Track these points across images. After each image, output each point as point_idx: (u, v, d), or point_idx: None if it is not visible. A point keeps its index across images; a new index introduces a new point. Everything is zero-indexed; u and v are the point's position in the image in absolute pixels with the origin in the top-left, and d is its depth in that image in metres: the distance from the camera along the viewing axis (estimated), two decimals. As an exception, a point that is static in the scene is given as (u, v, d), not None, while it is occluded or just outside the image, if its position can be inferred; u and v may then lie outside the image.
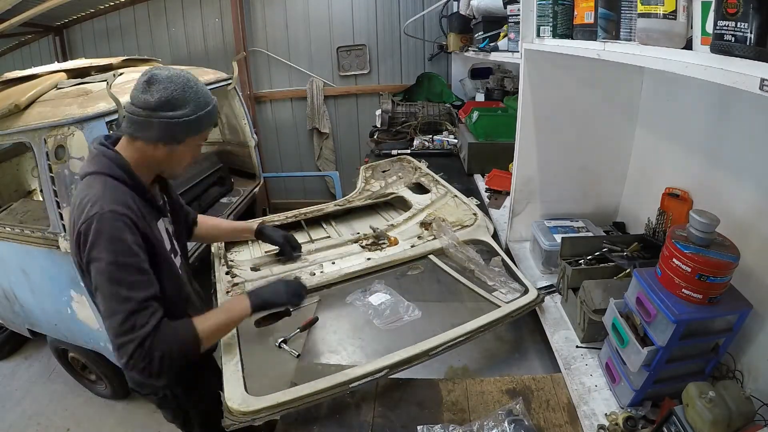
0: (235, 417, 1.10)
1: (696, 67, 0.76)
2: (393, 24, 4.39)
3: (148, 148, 1.14)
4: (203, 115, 1.15)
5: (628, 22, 0.99)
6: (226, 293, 1.58)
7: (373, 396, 1.23)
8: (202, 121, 1.16)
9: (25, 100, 1.96)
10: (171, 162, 1.20)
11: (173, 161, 1.20)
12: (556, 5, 1.36)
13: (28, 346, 3.11)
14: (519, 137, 1.75)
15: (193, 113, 1.13)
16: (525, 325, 1.58)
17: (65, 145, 1.82)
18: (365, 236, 1.92)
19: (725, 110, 1.23)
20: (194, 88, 1.13)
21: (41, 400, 2.67)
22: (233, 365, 1.25)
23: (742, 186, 1.18)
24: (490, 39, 2.49)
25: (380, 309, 1.47)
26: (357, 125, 4.79)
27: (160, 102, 1.08)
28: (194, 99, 1.13)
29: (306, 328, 1.43)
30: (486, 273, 1.61)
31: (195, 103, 1.13)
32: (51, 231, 1.95)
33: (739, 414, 0.87)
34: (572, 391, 1.19)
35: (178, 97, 1.10)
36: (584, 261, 1.48)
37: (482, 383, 1.26)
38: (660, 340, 0.98)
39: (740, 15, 0.64)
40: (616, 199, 1.86)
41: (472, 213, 2.05)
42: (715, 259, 0.93)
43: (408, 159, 2.80)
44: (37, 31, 4.57)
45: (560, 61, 1.51)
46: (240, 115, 3.35)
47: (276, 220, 2.11)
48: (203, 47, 4.61)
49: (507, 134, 2.29)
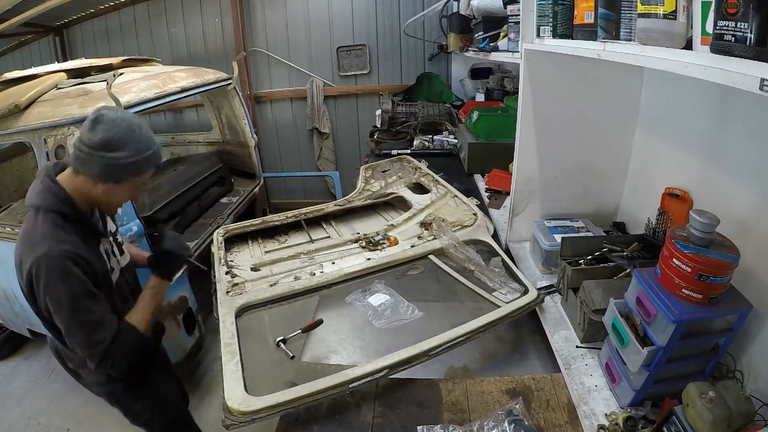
0: (235, 417, 1.10)
1: (696, 67, 0.76)
2: (393, 24, 4.39)
3: (88, 183, 1.19)
4: (142, 159, 1.19)
5: (628, 22, 0.99)
6: (226, 293, 1.58)
7: (373, 396, 1.23)
8: (140, 164, 1.20)
9: (25, 100, 1.96)
10: (108, 199, 1.24)
11: (111, 198, 1.25)
12: (556, 5, 1.36)
13: (28, 346, 3.10)
14: (519, 137, 1.75)
15: (132, 156, 1.17)
16: (525, 325, 1.58)
17: (65, 145, 1.82)
18: (365, 237, 1.92)
19: (725, 110, 1.23)
20: (136, 132, 1.18)
21: (41, 400, 2.67)
22: (233, 365, 1.25)
23: (742, 186, 1.18)
24: (490, 39, 2.49)
25: (380, 310, 1.47)
26: (357, 125, 4.79)
27: (102, 142, 1.13)
28: (135, 143, 1.18)
29: (308, 330, 1.43)
30: (486, 273, 1.61)
31: (135, 147, 1.18)
32: (51, 231, 1.95)
33: (739, 414, 0.87)
34: (572, 391, 1.19)
35: (118, 140, 1.15)
36: (584, 261, 1.48)
37: (482, 383, 1.26)
38: (660, 340, 0.98)
39: (740, 15, 0.64)
40: (616, 199, 1.86)
41: (472, 213, 2.05)
42: (715, 259, 0.93)
43: (408, 159, 2.80)
44: (37, 31, 4.57)
45: (560, 61, 1.51)
46: (240, 115, 3.35)
47: (276, 220, 2.11)
48: (203, 47, 4.60)
49: (507, 134, 2.28)
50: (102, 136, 1.13)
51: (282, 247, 1.99)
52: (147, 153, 1.20)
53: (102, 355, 1.19)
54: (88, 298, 1.17)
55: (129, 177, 1.21)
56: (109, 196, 1.23)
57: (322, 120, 4.66)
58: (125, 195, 1.27)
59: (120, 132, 1.15)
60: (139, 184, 1.27)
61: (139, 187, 1.29)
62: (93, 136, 1.14)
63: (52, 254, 1.11)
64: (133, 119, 1.20)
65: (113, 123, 1.15)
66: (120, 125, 1.15)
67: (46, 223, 1.16)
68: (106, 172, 1.16)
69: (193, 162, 3.26)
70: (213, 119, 3.67)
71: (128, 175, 1.20)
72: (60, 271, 1.12)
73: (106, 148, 1.14)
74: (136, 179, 1.24)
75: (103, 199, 1.23)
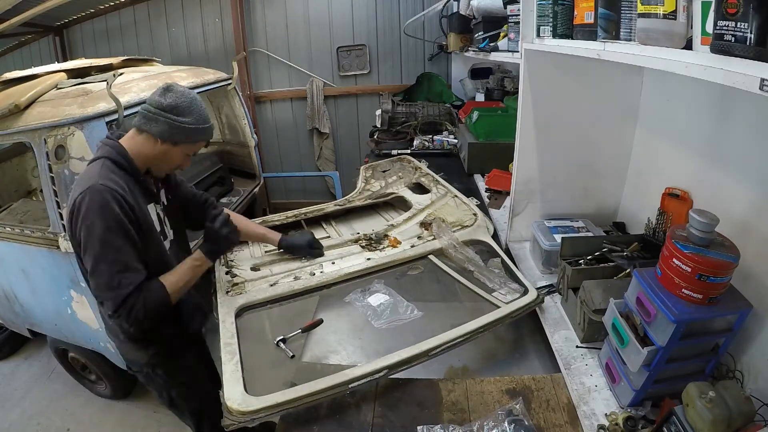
0: (235, 417, 1.10)
1: (696, 67, 0.76)
2: (393, 24, 4.39)
3: (149, 141, 1.35)
4: (200, 128, 1.37)
5: (628, 22, 0.99)
6: (226, 293, 1.58)
7: (373, 396, 1.23)
8: (197, 132, 1.37)
9: (25, 100, 1.96)
10: (162, 160, 1.40)
11: (164, 160, 1.40)
12: (556, 5, 1.36)
13: (28, 346, 3.11)
14: (519, 137, 1.75)
15: (193, 123, 1.35)
16: (525, 325, 1.58)
17: (65, 145, 1.82)
18: (365, 237, 1.92)
19: (725, 110, 1.23)
20: (199, 107, 1.38)
21: (41, 400, 2.67)
22: (233, 365, 1.25)
23: (742, 186, 1.18)
24: (490, 39, 2.49)
25: (379, 310, 1.47)
26: (357, 125, 4.79)
27: (171, 105, 1.32)
28: (197, 113, 1.36)
29: (308, 330, 1.43)
30: (485, 274, 1.61)
31: (197, 117, 1.36)
32: (51, 231, 1.95)
33: (739, 414, 0.87)
34: (572, 391, 1.19)
35: (185, 107, 1.33)
36: (584, 261, 1.48)
37: (482, 383, 1.26)
38: (660, 340, 0.98)
39: (740, 15, 0.64)
40: (616, 199, 1.86)
41: (472, 213, 2.05)
42: (715, 259, 0.93)
43: (408, 159, 2.80)
44: (37, 31, 4.57)
45: (560, 61, 1.51)
46: (240, 115, 3.35)
47: (276, 220, 2.11)
48: (203, 47, 4.61)
49: (507, 134, 2.28)
50: (171, 100, 1.31)
51: (282, 247, 1.99)
52: (204, 125, 1.39)
53: (123, 300, 1.22)
54: (121, 236, 1.24)
55: (185, 141, 1.37)
56: (164, 156, 1.38)
57: (322, 120, 4.66)
58: (177, 159, 1.42)
59: (186, 101, 1.33)
60: (189, 151, 1.43)
61: (188, 155, 1.45)
62: (163, 100, 1.32)
63: (96, 187, 1.23)
64: (197, 96, 1.39)
65: (182, 93, 1.34)
66: (187, 96, 1.35)
67: (99, 166, 1.30)
68: (169, 131, 1.33)
69: (193, 162, 3.24)
70: (213, 119, 3.67)
71: (185, 139, 1.36)
72: (99, 202, 1.21)
73: (174, 112, 1.32)
74: (189, 146, 1.41)
75: (158, 158, 1.39)
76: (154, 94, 1.33)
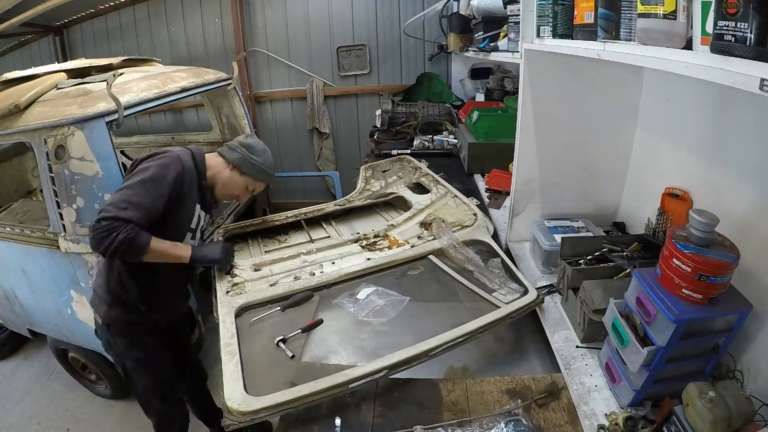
0: (235, 417, 1.10)
1: (696, 67, 0.76)
2: (393, 24, 4.38)
3: (222, 164, 1.68)
4: (265, 169, 1.71)
5: (628, 22, 0.99)
6: (226, 293, 1.58)
7: (373, 396, 1.23)
8: (262, 172, 1.71)
9: (25, 100, 1.96)
10: (227, 183, 1.68)
11: (228, 183, 1.68)
12: (556, 5, 1.36)
13: (28, 346, 3.11)
14: (519, 137, 1.75)
15: (262, 164, 1.70)
16: (525, 325, 1.58)
17: (65, 145, 1.82)
18: (365, 237, 1.92)
19: (725, 110, 1.23)
20: (270, 156, 1.74)
21: (41, 400, 2.67)
22: (233, 365, 1.25)
23: (742, 186, 1.18)
24: (490, 39, 2.49)
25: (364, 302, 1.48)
26: (357, 125, 4.79)
27: (249, 145, 1.70)
28: (267, 159, 1.72)
29: (308, 330, 1.43)
30: (485, 274, 1.61)
31: (265, 161, 1.71)
32: (51, 231, 1.95)
33: (739, 414, 0.87)
34: (572, 391, 1.19)
35: (259, 150, 1.70)
36: (584, 261, 1.48)
37: (482, 383, 1.26)
38: (660, 340, 0.98)
39: (740, 15, 0.64)
40: (616, 199, 1.86)
41: (472, 213, 2.05)
42: (715, 259, 0.93)
43: (408, 159, 2.80)
44: (37, 31, 4.56)
45: (560, 61, 1.51)
46: (240, 115, 3.35)
47: (276, 220, 2.11)
48: (203, 47, 4.60)
49: (507, 134, 2.28)
50: (251, 142, 1.71)
51: (282, 247, 1.99)
52: (270, 170, 1.73)
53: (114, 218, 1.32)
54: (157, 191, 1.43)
55: (250, 174, 1.68)
56: (229, 181, 1.68)
57: (322, 120, 4.66)
58: (238, 188, 1.71)
59: (261, 147, 1.72)
60: (251, 185, 1.73)
61: (249, 188, 1.73)
62: (245, 140, 1.70)
63: (173, 155, 1.52)
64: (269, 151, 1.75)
65: (260, 142, 1.74)
66: (263, 145, 1.74)
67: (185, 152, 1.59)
68: (240, 161, 1.67)
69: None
70: (213, 119, 3.67)
71: (251, 173, 1.68)
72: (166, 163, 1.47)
73: (249, 150, 1.68)
74: (252, 182, 1.71)
75: (224, 180, 1.67)
76: (241, 137, 1.72)
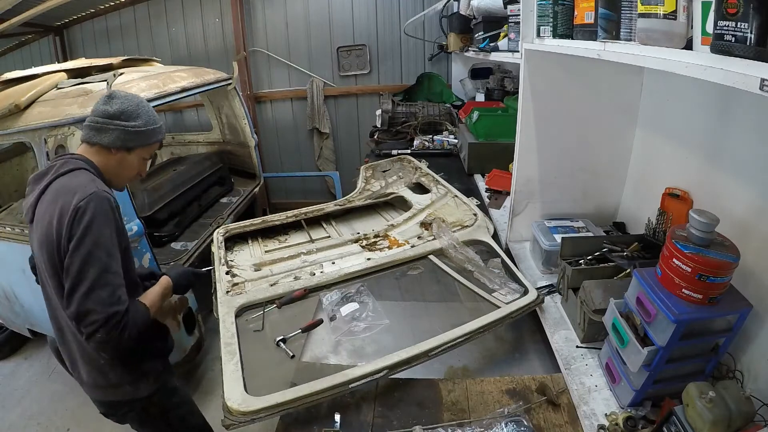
0: (235, 417, 1.10)
1: (696, 67, 0.76)
2: (393, 24, 4.39)
3: (101, 154, 1.30)
4: (151, 129, 1.34)
5: (628, 22, 0.99)
6: (226, 293, 1.58)
7: (373, 396, 1.23)
8: (150, 134, 1.34)
9: (25, 100, 1.96)
10: (120, 168, 1.34)
11: (121, 169, 1.35)
12: (556, 5, 1.36)
13: (28, 346, 3.11)
14: (519, 137, 1.75)
15: (144, 126, 1.32)
16: (525, 325, 1.58)
17: (65, 145, 1.82)
18: (365, 237, 1.92)
19: (725, 110, 1.23)
20: (146, 108, 1.35)
21: (41, 400, 2.67)
22: (233, 365, 1.25)
23: (742, 186, 1.18)
24: (491, 39, 2.49)
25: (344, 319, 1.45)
26: (357, 125, 4.79)
27: (118, 112, 1.28)
28: (145, 115, 1.33)
29: (308, 330, 1.43)
30: (485, 274, 1.61)
31: (146, 118, 1.33)
32: (51, 231, 1.95)
33: (739, 414, 0.87)
34: (572, 391, 1.19)
35: (132, 111, 1.30)
36: (584, 261, 1.48)
37: (482, 383, 1.26)
38: (660, 340, 0.98)
39: (740, 15, 0.64)
40: (616, 199, 1.86)
41: (472, 213, 2.05)
42: (715, 259, 0.93)
43: (408, 159, 2.80)
44: (37, 31, 4.57)
45: (560, 61, 1.51)
46: (240, 115, 3.35)
47: (276, 220, 2.11)
48: (203, 47, 4.61)
49: (507, 134, 2.28)
50: (118, 107, 1.28)
51: (282, 247, 1.99)
52: (155, 125, 1.36)
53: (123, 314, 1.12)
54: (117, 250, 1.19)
55: (139, 145, 1.33)
56: (121, 166, 1.33)
57: (322, 120, 4.66)
58: (134, 166, 1.37)
59: (133, 105, 1.30)
60: (145, 155, 1.38)
61: (144, 159, 1.40)
62: (109, 108, 1.27)
63: (100, 194, 1.17)
64: (142, 98, 1.36)
65: (126, 98, 1.31)
66: (132, 100, 1.32)
67: (88, 176, 1.23)
68: (121, 138, 1.28)
69: (193, 162, 3.26)
70: (213, 119, 3.67)
71: (139, 143, 1.32)
72: (106, 211, 1.17)
73: (122, 118, 1.28)
74: (144, 150, 1.36)
75: (115, 168, 1.33)
76: (98, 104, 1.29)
